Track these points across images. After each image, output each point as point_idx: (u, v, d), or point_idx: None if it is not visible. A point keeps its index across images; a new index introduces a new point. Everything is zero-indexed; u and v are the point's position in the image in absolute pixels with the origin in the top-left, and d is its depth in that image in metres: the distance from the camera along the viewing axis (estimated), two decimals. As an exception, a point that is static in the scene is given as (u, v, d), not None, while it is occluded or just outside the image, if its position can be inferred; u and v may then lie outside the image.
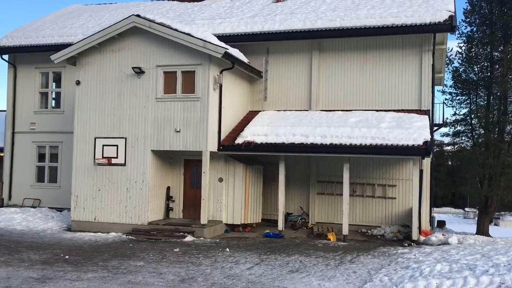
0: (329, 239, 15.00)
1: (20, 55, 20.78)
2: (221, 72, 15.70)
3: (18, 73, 20.82)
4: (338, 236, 15.24)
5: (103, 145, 16.20)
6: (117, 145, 16.10)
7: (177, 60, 15.62)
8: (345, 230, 15.12)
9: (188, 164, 17.05)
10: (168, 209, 16.83)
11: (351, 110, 17.07)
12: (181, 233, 14.89)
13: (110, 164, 16.10)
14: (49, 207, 19.26)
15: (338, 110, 17.21)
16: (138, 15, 15.80)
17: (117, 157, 16.08)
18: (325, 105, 17.71)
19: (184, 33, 15.27)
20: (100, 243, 14.03)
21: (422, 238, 14.93)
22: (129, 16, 15.88)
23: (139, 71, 15.77)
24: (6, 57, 20.77)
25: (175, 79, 15.69)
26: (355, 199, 17.01)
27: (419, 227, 15.29)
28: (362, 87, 17.40)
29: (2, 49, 20.46)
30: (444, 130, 28.14)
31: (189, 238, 14.57)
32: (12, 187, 20.72)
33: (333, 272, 10.57)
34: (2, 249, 12.70)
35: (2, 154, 21.29)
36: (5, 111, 21.23)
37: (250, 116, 17.64)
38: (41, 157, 20.57)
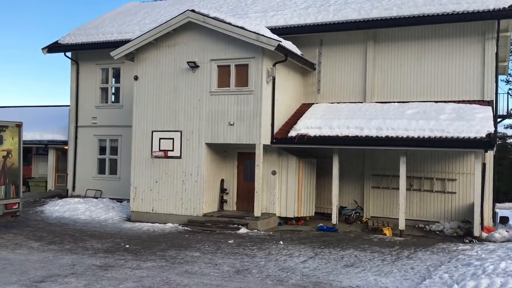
0: (385, 234, 14.66)
1: (82, 52, 21.69)
2: (274, 65, 15.67)
3: (80, 70, 21.77)
4: (394, 231, 14.87)
5: (160, 138, 16.66)
6: (173, 138, 16.50)
7: (230, 53, 15.75)
8: (402, 225, 14.72)
9: (241, 157, 17.20)
10: (222, 201, 17.08)
11: (408, 102, 16.55)
12: (235, 225, 15.07)
13: (166, 156, 16.54)
14: (109, 198, 20.07)
15: (394, 102, 16.73)
16: (192, 10, 16.05)
17: (173, 150, 16.48)
18: (381, 97, 17.28)
19: (237, 26, 15.36)
20: (158, 233, 14.47)
21: (484, 234, 14.28)
22: (184, 12, 16.16)
23: (193, 66, 16.05)
24: (69, 54, 21.72)
25: (228, 72, 15.84)
26: (412, 194, 16.52)
27: (481, 223, 14.64)
28: (420, 78, 16.82)
29: (65, 47, 21.45)
30: (508, 122, 26.73)
31: (243, 230, 14.72)
32: (76, 179, 21.78)
33: (389, 268, 10.35)
34: (67, 238, 13.40)
35: (66, 147, 22.40)
36: (69, 106, 22.28)
37: (303, 109, 17.51)
38: (102, 150, 21.45)
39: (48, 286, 8.59)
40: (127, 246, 12.39)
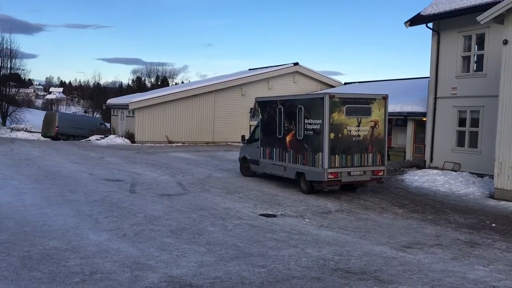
0: None
1: (444, 21, 21.06)
2: None
3: (441, 40, 21.25)
4: None
5: (533, 109, 14.59)
6: (550, 109, 14.15)
7: None
8: None
9: None
10: None
11: None
12: None
13: (541, 130, 14.37)
14: (469, 172, 19.13)
15: None
16: None
17: (550, 123, 14.16)
18: None
19: None
20: (529, 216, 12.86)
21: None
22: None
23: None
24: (430, 25, 21.49)
25: None
26: None
27: None
28: None
29: (427, 18, 21.24)
30: None
31: None
32: (434, 150, 21.71)
33: None
34: (428, 208, 13.56)
35: (424, 119, 22.56)
36: (428, 78, 22.26)
37: None
38: (461, 122, 20.55)
39: (415, 253, 8.89)
40: (493, 225, 11.52)
